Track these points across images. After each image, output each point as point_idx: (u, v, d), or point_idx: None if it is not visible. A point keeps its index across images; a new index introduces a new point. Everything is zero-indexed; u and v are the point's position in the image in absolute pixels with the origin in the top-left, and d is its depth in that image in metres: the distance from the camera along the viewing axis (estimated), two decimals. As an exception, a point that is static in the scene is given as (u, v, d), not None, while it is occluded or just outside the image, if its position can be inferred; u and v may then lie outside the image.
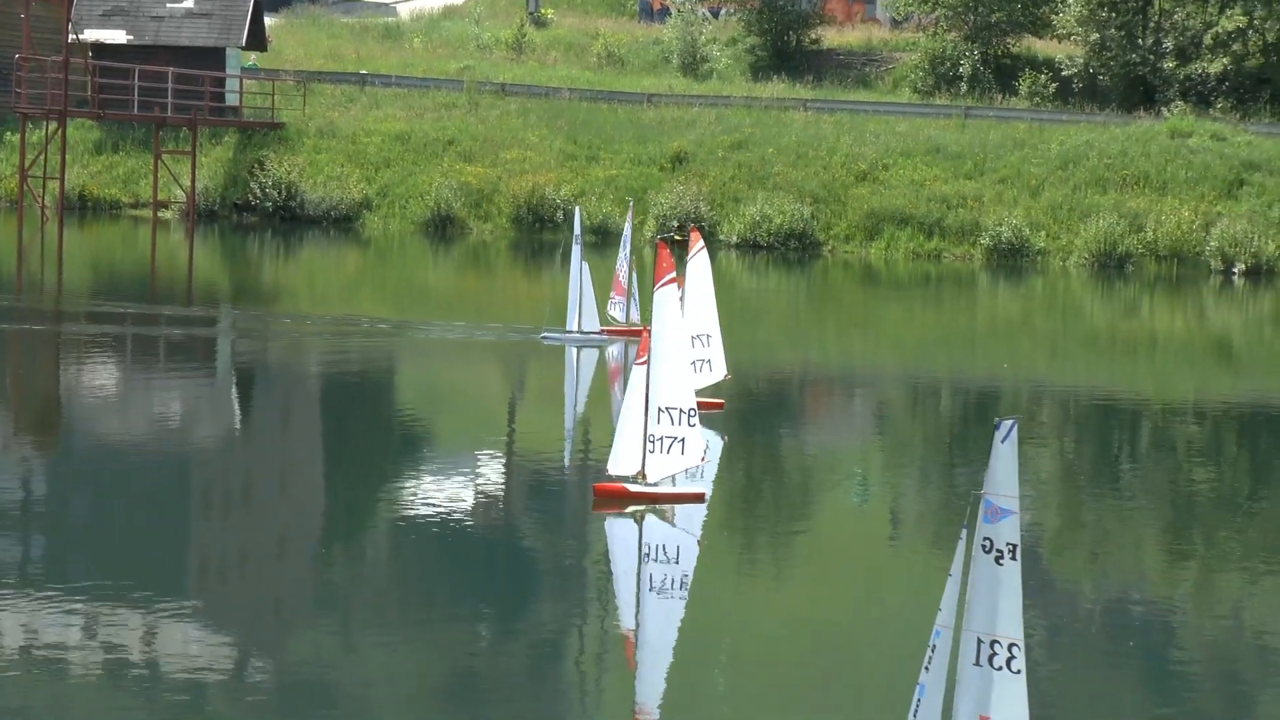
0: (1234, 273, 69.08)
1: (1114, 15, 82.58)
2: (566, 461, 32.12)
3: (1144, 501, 30.50)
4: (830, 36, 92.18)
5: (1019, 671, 13.74)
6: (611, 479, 26.87)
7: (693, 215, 72.88)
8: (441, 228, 73.77)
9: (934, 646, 13.88)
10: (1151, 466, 34.16)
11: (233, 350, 45.02)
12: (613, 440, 26.89)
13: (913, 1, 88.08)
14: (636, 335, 45.46)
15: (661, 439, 26.78)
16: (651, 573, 24.13)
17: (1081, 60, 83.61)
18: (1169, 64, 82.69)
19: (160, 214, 75.48)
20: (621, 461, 26.82)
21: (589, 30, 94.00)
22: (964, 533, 13.87)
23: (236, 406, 37.15)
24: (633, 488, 26.80)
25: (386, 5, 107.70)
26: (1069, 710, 19.52)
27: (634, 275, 45.96)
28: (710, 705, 18.97)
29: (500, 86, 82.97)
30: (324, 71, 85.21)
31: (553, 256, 69.87)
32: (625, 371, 42.83)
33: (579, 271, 43.57)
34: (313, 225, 74.29)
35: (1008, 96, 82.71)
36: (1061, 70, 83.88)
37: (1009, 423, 13.64)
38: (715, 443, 33.88)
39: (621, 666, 20.34)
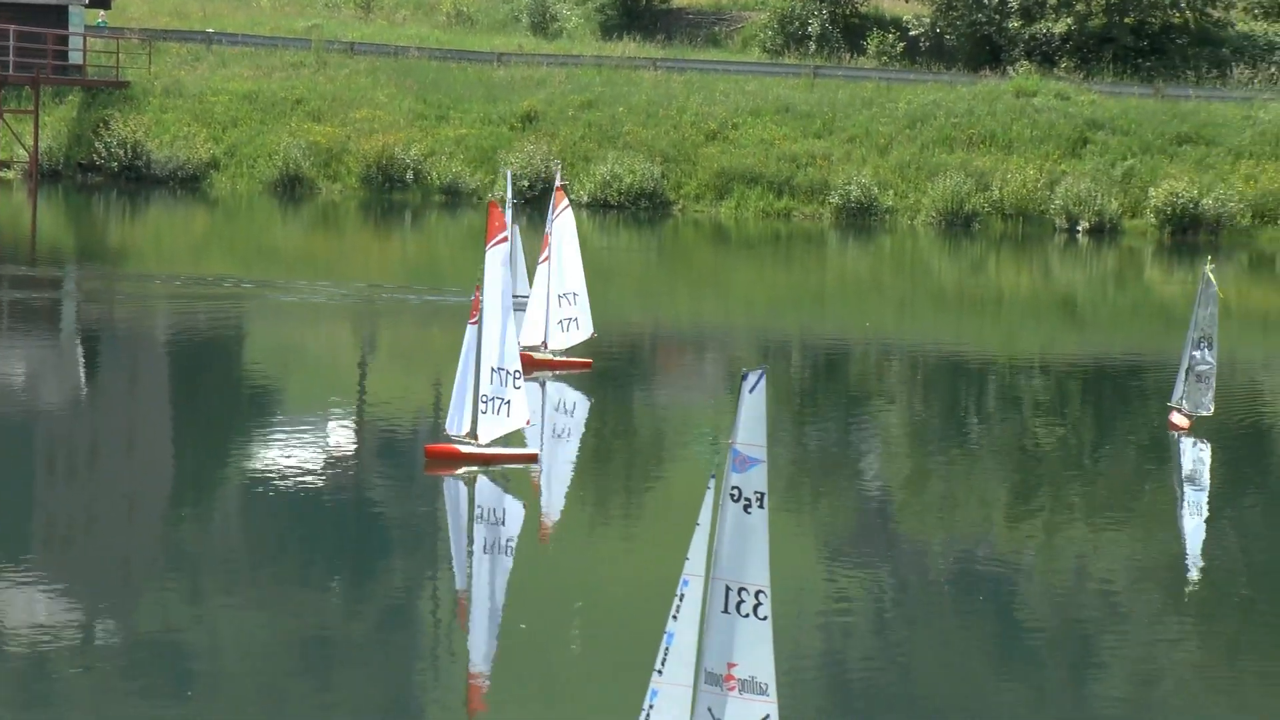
0: (1078, 231, 69.98)
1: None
2: (411, 423, 32.00)
3: (991, 458, 30.90)
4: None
5: (765, 618, 13.89)
6: (446, 440, 26.81)
7: (544, 175, 72.75)
8: (290, 188, 73.12)
9: (682, 595, 13.95)
10: (998, 423, 34.59)
11: (78, 312, 44.42)
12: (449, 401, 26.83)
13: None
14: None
15: (492, 399, 26.65)
16: (500, 534, 24.16)
17: (928, 20, 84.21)
18: (1014, 24, 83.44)
19: (2, 174, 74.24)
20: (457, 421, 26.71)
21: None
22: (712, 482, 14.00)
23: (82, 369, 36.68)
24: (464, 448, 26.69)
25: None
26: (921, 664, 19.77)
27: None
28: (553, 666, 19.02)
29: (349, 45, 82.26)
30: (170, 30, 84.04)
31: (402, 216, 69.49)
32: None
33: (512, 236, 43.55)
34: (159, 185, 73.37)
35: (856, 56, 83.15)
36: (909, 30, 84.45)
37: (756, 373, 13.79)
38: (581, 401, 33.98)
39: (457, 628, 20.35)
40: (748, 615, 13.91)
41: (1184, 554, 25.11)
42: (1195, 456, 31.33)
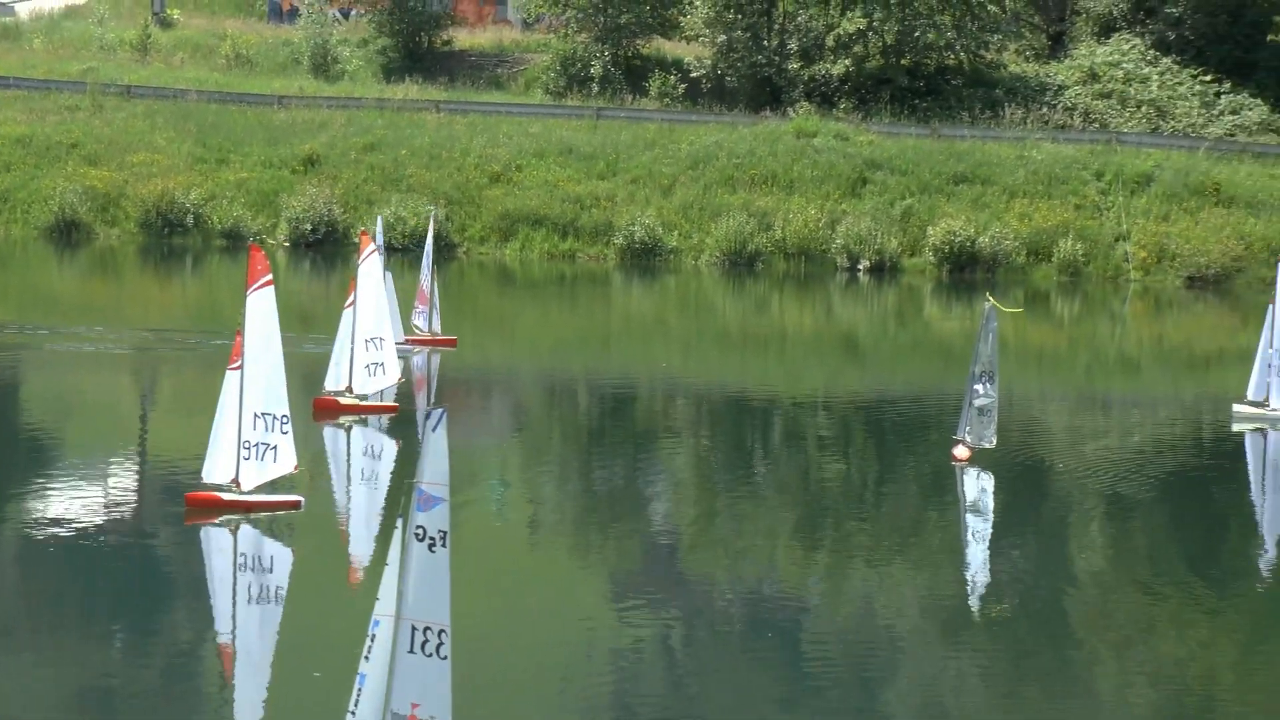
0: (859, 269, 70.88)
1: (740, 17, 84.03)
2: (188, 470, 31.50)
3: (777, 495, 31.10)
4: (462, 38, 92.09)
5: (445, 658, 13.90)
6: (206, 488, 26.31)
7: (326, 218, 72.19)
8: (67, 233, 71.78)
9: (373, 636, 13.91)
10: (784, 461, 34.85)
11: None
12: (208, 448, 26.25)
13: (543, 3, 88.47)
14: (441, 344, 45.39)
15: (256, 445, 26.15)
16: (264, 582, 23.78)
17: (709, 62, 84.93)
18: (794, 66, 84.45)
19: None
20: (217, 469, 26.17)
21: (216, 31, 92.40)
22: (400, 521, 13.99)
23: None
24: (227, 496, 26.19)
25: (4, 5, 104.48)
26: (712, 702, 19.80)
27: (435, 284, 45.85)
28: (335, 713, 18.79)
29: (125, 88, 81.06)
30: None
31: (183, 261, 68.54)
32: (429, 381, 42.69)
33: (383, 282, 43.27)
34: (-70, 232, 71.69)
35: (638, 97, 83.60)
36: (690, 71, 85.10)
37: (438, 412, 13.83)
38: (389, 446, 33.70)
39: (220, 676, 20.04)
40: (431, 655, 13.87)
41: (967, 585, 25.44)
42: (977, 488, 31.81)
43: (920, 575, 25.82)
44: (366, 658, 13.83)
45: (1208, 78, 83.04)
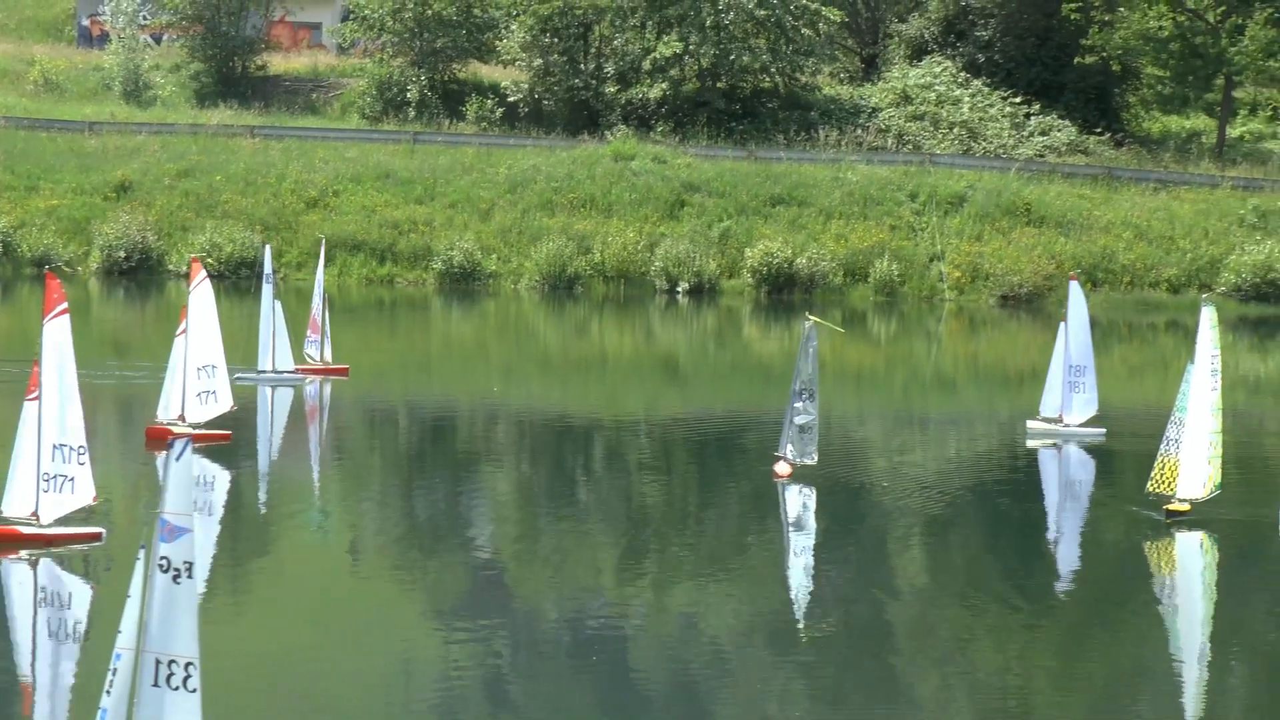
0: (678, 291, 71.18)
1: (556, 41, 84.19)
2: None
3: (599, 517, 31.10)
4: (277, 63, 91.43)
5: (194, 690, 13.77)
6: (5, 521, 25.70)
7: (140, 245, 71.26)
8: None
9: (114, 669, 13.72)
10: (606, 483, 34.87)
11: None
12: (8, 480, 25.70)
13: (358, 28, 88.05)
14: (333, 373, 44.89)
15: (54, 477, 25.52)
16: (62, 618, 23.31)
17: (526, 86, 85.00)
18: (611, 89, 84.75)
19: None
20: (15, 502, 25.51)
21: (24, 56, 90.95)
22: (142, 552, 13.83)
23: None
24: (25, 529, 25.58)
25: None
26: (533, 726, 19.76)
27: (327, 313, 45.38)
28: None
29: (-70, 115, 79.63)
30: None
31: (-7, 290, 67.39)
32: (321, 410, 42.19)
33: (270, 311, 42.81)
34: None
35: (455, 121, 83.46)
36: (507, 96, 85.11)
37: (182, 442, 13.73)
38: (222, 475, 33.25)
39: (18, 714, 19.67)
40: (177, 688, 13.68)
41: (790, 601, 25.59)
42: (799, 505, 32.05)
43: (744, 592, 25.94)
44: (107, 692, 13.59)
45: (1018, 100, 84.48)
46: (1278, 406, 51.25)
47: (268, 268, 43.95)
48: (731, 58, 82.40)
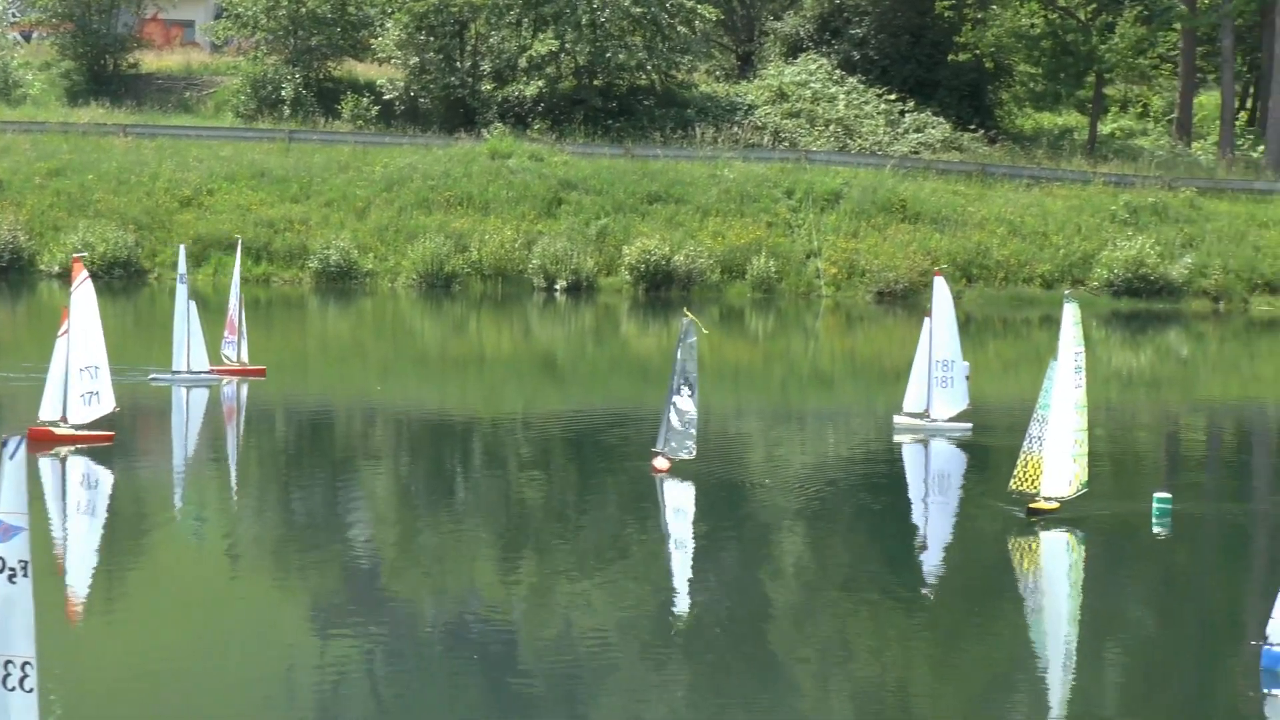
0: (556, 289, 71.13)
1: (432, 39, 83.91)
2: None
3: (478, 516, 31.02)
4: (149, 61, 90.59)
5: (31, 690, 13.78)
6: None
7: (11, 245, 70.39)
8: None
9: None
10: (484, 481, 34.79)
11: None
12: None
13: (231, 25, 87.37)
14: (250, 374, 44.49)
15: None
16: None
17: (402, 83, 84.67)
18: (487, 87, 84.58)
19: None
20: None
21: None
22: None
23: None
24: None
25: None
26: (413, 727, 19.67)
27: (243, 313, 44.93)
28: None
29: None
30: None
31: None
32: (239, 411, 41.77)
33: (185, 311, 42.40)
34: None
35: (330, 120, 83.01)
36: (383, 93, 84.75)
37: (15, 440, 13.67)
38: (106, 477, 32.90)
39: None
40: (14, 689, 13.67)
41: (669, 598, 25.63)
42: (678, 501, 32.13)
43: (624, 588, 25.95)
44: None
45: (892, 97, 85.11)
46: (1150, 400, 51.89)
47: (182, 269, 43.81)
48: (607, 55, 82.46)
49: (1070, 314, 29.89)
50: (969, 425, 39.53)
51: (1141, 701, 21.60)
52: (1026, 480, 30.31)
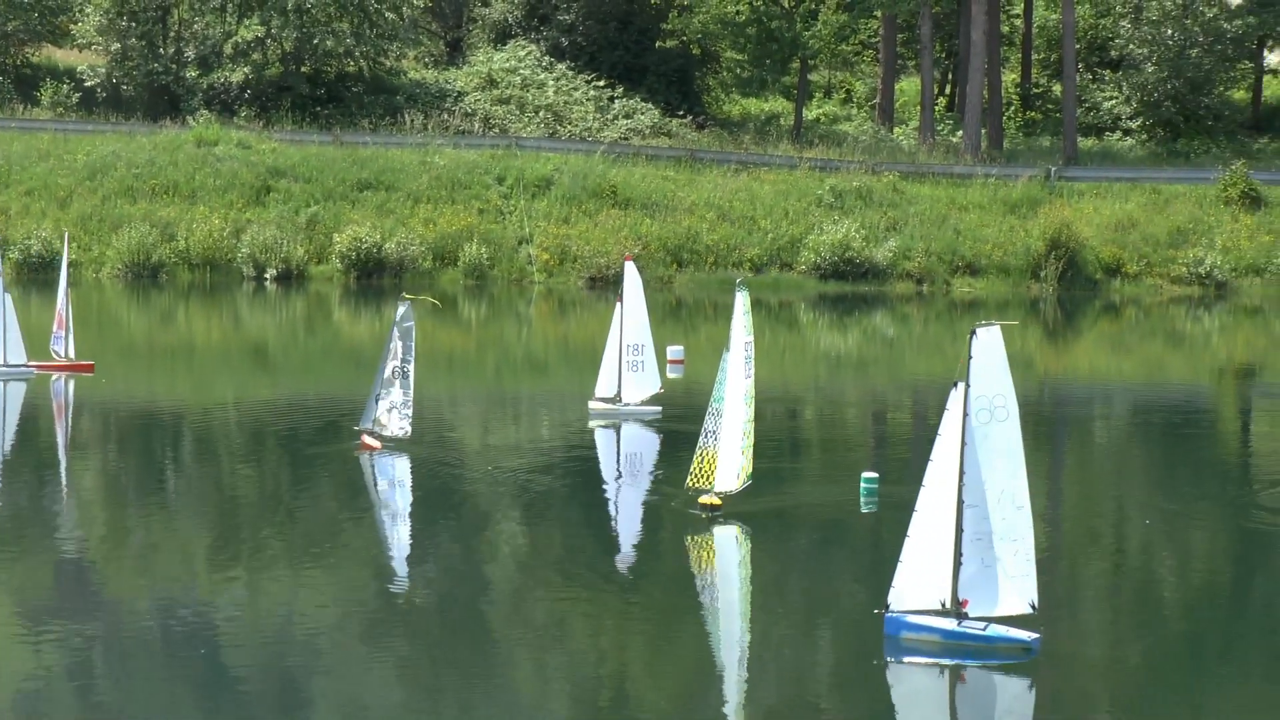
0: (266, 278, 70.31)
1: (134, 25, 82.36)
2: None
3: (190, 508, 30.57)
4: None
5: None
6: None
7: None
8: None
9: None
10: (196, 473, 34.28)
11: None
12: None
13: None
14: (78, 369, 43.07)
15: None
16: None
17: (104, 70, 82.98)
18: (192, 73, 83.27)
19: None
20: None
21: None
22: None
23: None
24: None
25: None
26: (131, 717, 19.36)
27: (69, 309, 43.39)
28: None
29: None
30: None
31: None
32: (67, 407, 40.24)
33: (1, 304, 40.98)
34: None
35: (30, 107, 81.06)
36: (84, 80, 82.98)
37: None
38: None
39: None
40: None
41: (385, 586, 25.54)
42: (393, 487, 32.07)
43: (340, 577, 25.78)
44: None
45: (601, 83, 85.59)
46: (857, 382, 52.90)
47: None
48: (315, 41, 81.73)
49: (741, 303, 28.63)
50: (659, 408, 39.91)
51: (785, 678, 22.04)
52: (702, 476, 29.59)
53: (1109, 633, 24.28)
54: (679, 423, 39.31)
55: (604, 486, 34.20)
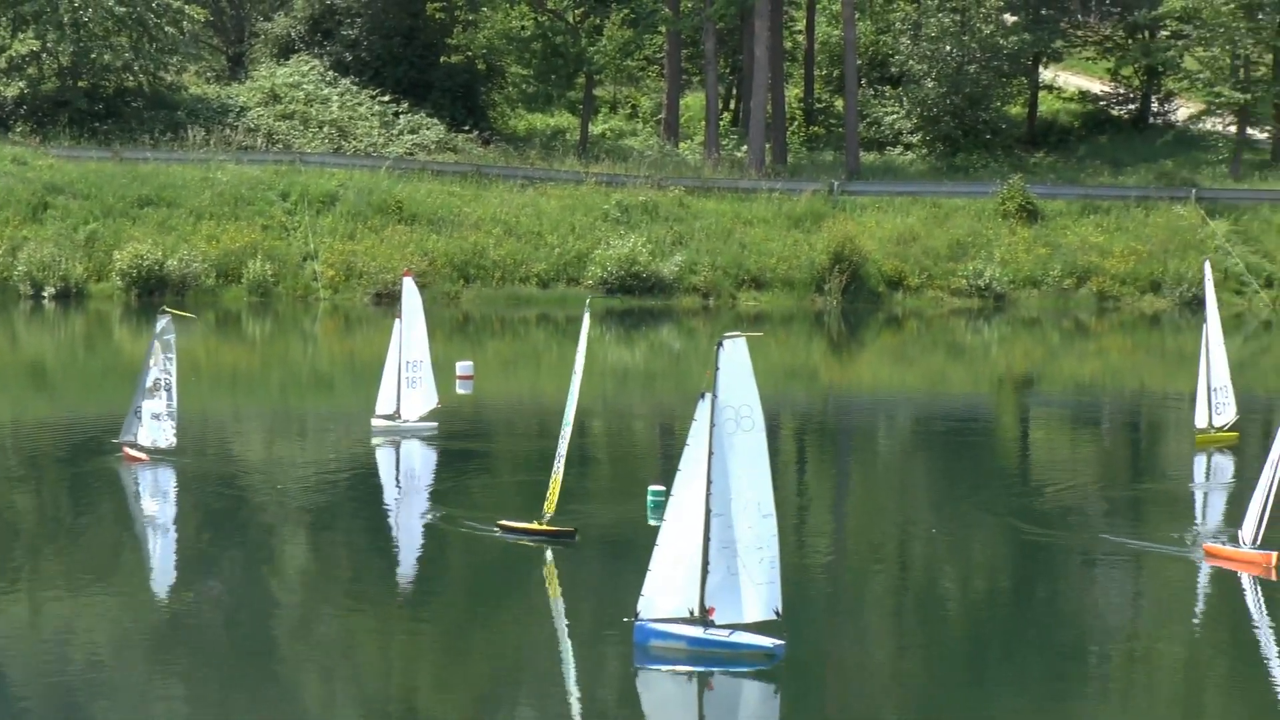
0: (44, 297, 69.06)
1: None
2: None
3: (-35, 531, 29.92)
4: None
5: None
6: None
7: None
8: None
9: None
10: (-29, 495, 33.57)
11: None
12: None
13: None
14: None
15: None
16: None
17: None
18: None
19: None
20: None
21: None
22: None
23: None
24: None
25: None
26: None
27: None
28: None
29: None
30: None
31: None
32: None
33: None
34: None
35: None
36: None
37: None
38: None
39: None
40: None
41: (168, 607, 25.17)
42: (168, 496, 31.84)
43: (121, 599, 25.36)
44: None
45: (386, 98, 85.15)
46: (645, 396, 53.13)
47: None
48: (92, 56, 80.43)
49: (588, 321, 28.80)
50: (435, 424, 39.77)
51: (548, 691, 22.11)
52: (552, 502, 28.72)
53: (859, 637, 24.69)
54: (460, 440, 39.22)
55: (384, 505, 34.02)
